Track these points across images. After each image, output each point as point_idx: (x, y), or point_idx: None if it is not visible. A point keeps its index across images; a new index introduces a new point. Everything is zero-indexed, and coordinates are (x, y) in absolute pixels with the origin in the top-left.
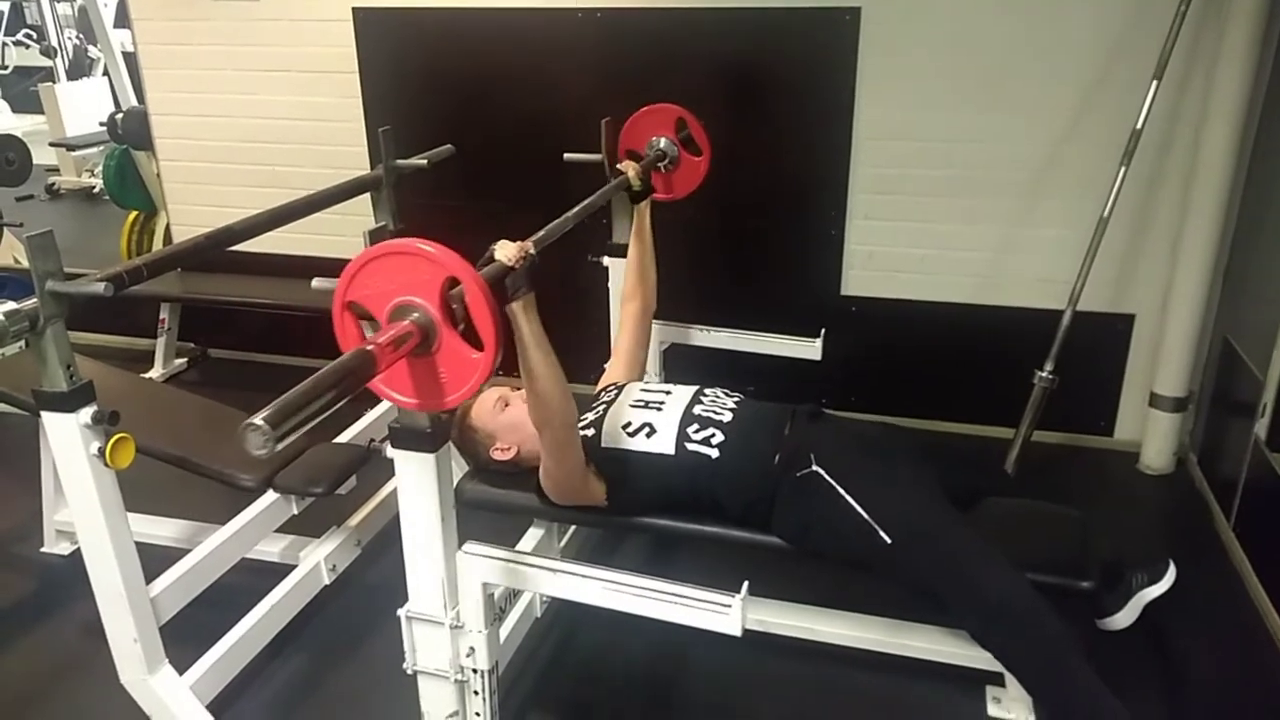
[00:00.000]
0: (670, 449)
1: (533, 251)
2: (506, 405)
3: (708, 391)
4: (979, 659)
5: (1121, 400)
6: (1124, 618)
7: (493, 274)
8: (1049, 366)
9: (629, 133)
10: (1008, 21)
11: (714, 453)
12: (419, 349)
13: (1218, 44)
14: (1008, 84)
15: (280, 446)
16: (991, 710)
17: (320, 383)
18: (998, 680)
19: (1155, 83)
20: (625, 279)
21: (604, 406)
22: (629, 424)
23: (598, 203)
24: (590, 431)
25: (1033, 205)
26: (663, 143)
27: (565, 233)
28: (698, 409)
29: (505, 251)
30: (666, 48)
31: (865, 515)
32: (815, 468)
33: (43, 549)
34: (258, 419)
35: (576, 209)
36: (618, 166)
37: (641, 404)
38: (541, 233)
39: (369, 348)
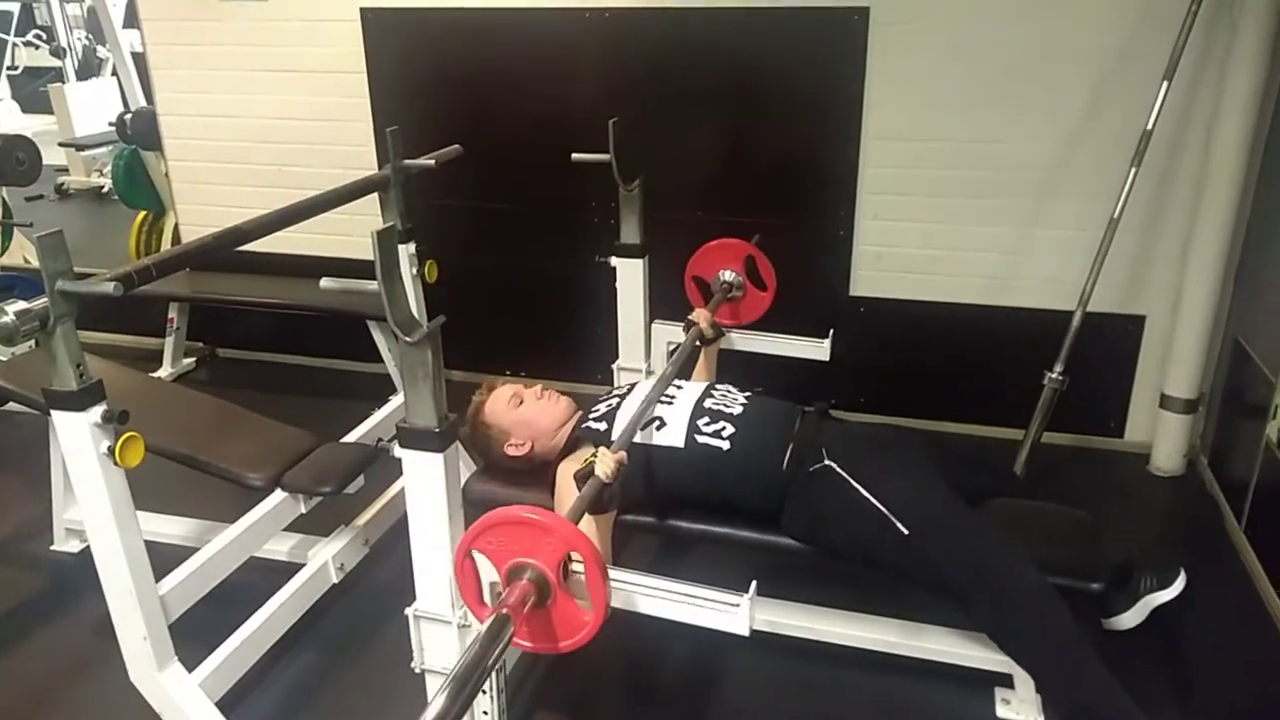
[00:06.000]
0: (680, 442)
1: (625, 463)
2: (521, 402)
3: (719, 387)
4: (987, 660)
5: (1132, 401)
6: (1130, 618)
7: (592, 490)
8: (1059, 367)
9: (698, 261)
10: (1017, 21)
11: (725, 445)
12: (535, 604)
13: (1229, 43)
14: (1017, 84)
15: None
16: (1000, 711)
17: (476, 658)
18: (1006, 682)
19: (1166, 83)
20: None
21: (617, 400)
22: None
23: (680, 359)
24: (603, 425)
25: (1043, 206)
26: (729, 276)
27: (572, 234)
28: (708, 402)
29: (605, 468)
30: (674, 48)
31: (881, 507)
32: (828, 462)
33: (53, 547)
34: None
35: (670, 368)
36: (690, 318)
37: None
38: (622, 437)
39: (504, 611)
